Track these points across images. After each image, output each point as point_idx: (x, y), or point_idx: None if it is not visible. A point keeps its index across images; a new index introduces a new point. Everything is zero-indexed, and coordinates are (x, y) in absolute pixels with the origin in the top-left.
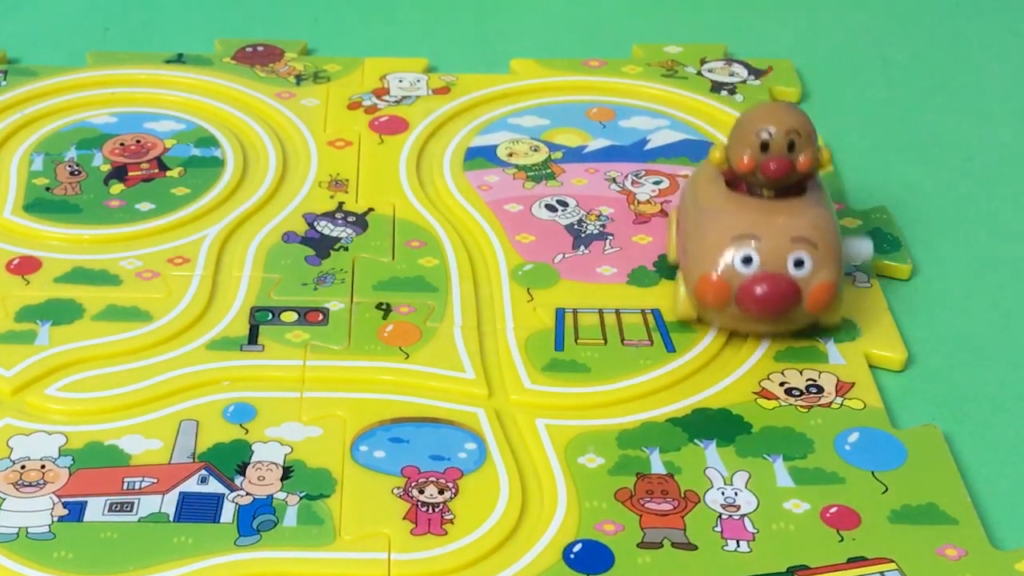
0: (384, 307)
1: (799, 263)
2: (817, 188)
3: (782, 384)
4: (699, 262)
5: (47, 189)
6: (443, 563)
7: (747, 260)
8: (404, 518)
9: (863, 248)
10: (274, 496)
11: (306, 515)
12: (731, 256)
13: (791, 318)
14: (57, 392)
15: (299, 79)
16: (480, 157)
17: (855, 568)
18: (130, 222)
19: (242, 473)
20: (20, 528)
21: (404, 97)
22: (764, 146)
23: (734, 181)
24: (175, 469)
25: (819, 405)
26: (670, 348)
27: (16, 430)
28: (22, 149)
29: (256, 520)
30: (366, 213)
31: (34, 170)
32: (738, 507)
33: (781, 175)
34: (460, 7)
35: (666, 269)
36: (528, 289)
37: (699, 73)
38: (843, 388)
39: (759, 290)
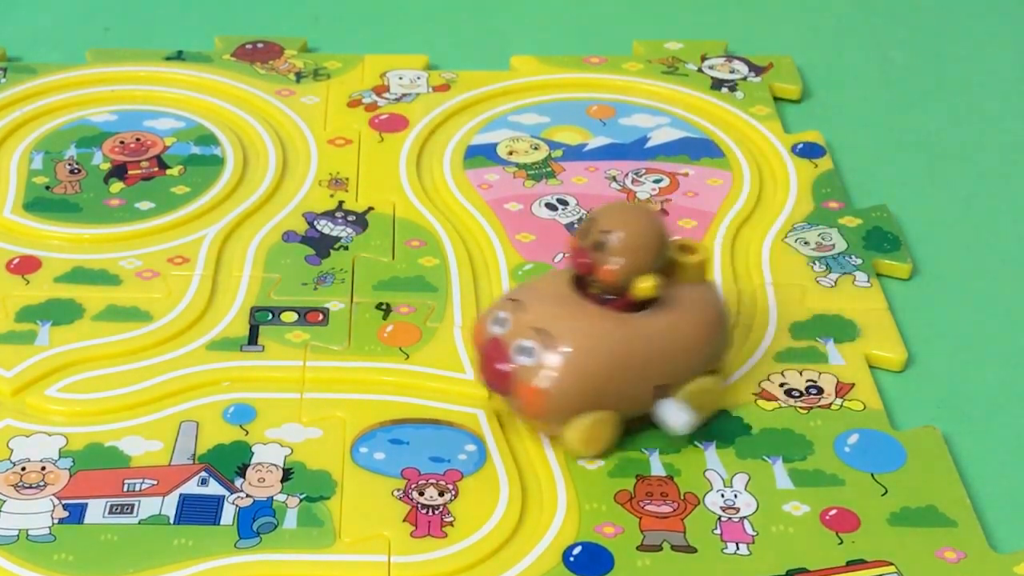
0: (384, 307)
1: (523, 350)
2: (667, 321)
3: (782, 385)
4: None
5: (47, 188)
6: (443, 565)
7: (499, 321)
8: (404, 520)
9: (674, 417)
10: (274, 498)
11: (306, 517)
12: (495, 311)
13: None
14: (57, 393)
15: (299, 76)
16: (480, 155)
17: (854, 571)
18: (130, 221)
19: (242, 475)
20: (20, 530)
21: (404, 94)
22: (598, 245)
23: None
24: (175, 471)
25: (819, 406)
26: None
27: (16, 431)
28: (22, 147)
29: (256, 522)
30: (366, 212)
31: (34, 168)
32: (738, 509)
33: (582, 270)
34: (460, 4)
35: None
36: None
37: (700, 70)
38: (843, 389)
39: (485, 353)
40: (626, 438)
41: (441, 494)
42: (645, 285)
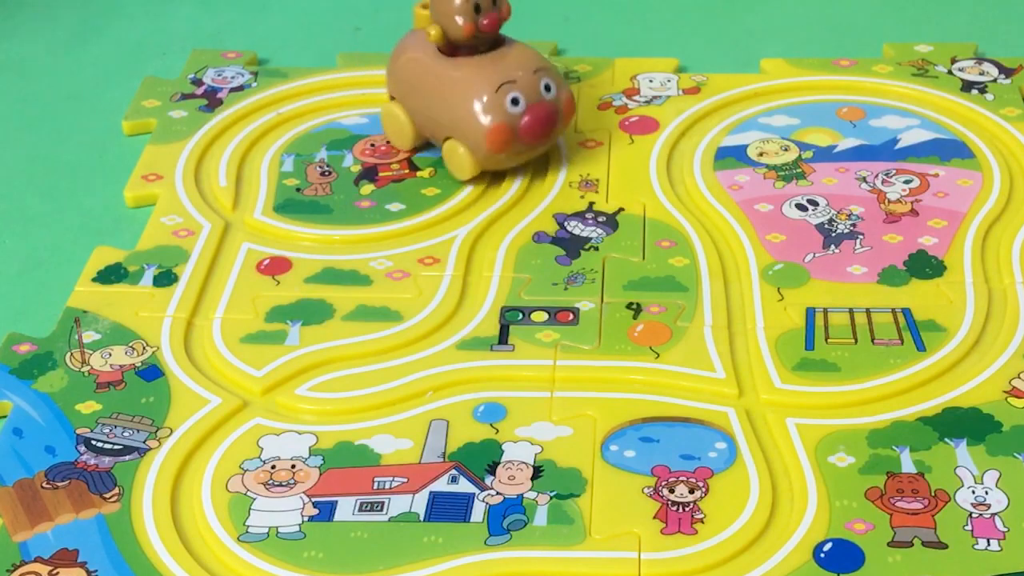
0: (634, 307)
1: (547, 87)
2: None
3: None
4: (472, 121)
5: (297, 190)
6: (693, 562)
7: (515, 101)
8: (654, 517)
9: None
10: (524, 496)
11: (556, 514)
12: (502, 103)
13: (556, 133)
14: (307, 392)
15: None
16: (730, 157)
17: None
18: (380, 222)
19: (492, 472)
20: (270, 528)
21: (654, 97)
22: (476, 8)
23: (448, 50)
24: (425, 469)
25: None
26: (920, 347)
27: (266, 430)
28: (272, 150)
29: (506, 520)
30: (616, 213)
31: (284, 171)
32: (988, 506)
33: (496, 27)
34: (710, 7)
35: (918, 269)
36: (778, 288)
37: (949, 72)
38: None
39: (535, 119)
40: (876, 436)
41: (691, 491)
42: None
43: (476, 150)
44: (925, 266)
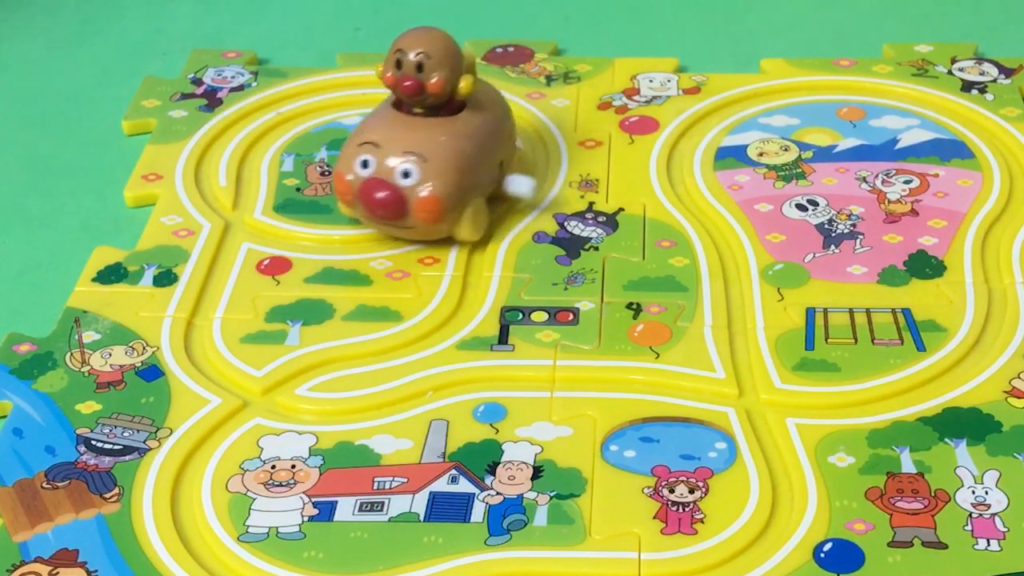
0: (634, 307)
1: (406, 174)
2: (480, 111)
3: None
4: (339, 163)
5: (297, 190)
6: (693, 562)
7: (365, 164)
8: (654, 517)
9: (521, 185)
10: (524, 496)
11: (556, 514)
12: (353, 158)
13: (415, 226)
14: (307, 392)
15: (549, 79)
16: (730, 157)
17: None
18: None
19: (492, 473)
20: (270, 528)
21: (654, 97)
22: (398, 65)
23: (396, 100)
24: (425, 469)
25: None
26: (920, 347)
27: (266, 430)
28: (272, 150)
29: (506, 520)
30: (616, 213)
31: (284, 171)
32: (988, 506)
33: (411, 93)
34: (710, 7)
35: (918, 269)
36: (778, 288)
37: (950, 72)
38: None
39: (367, 191)
40: (877, 436)
41: (692, 491)
42: (466, 83)
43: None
44: (925, 266)
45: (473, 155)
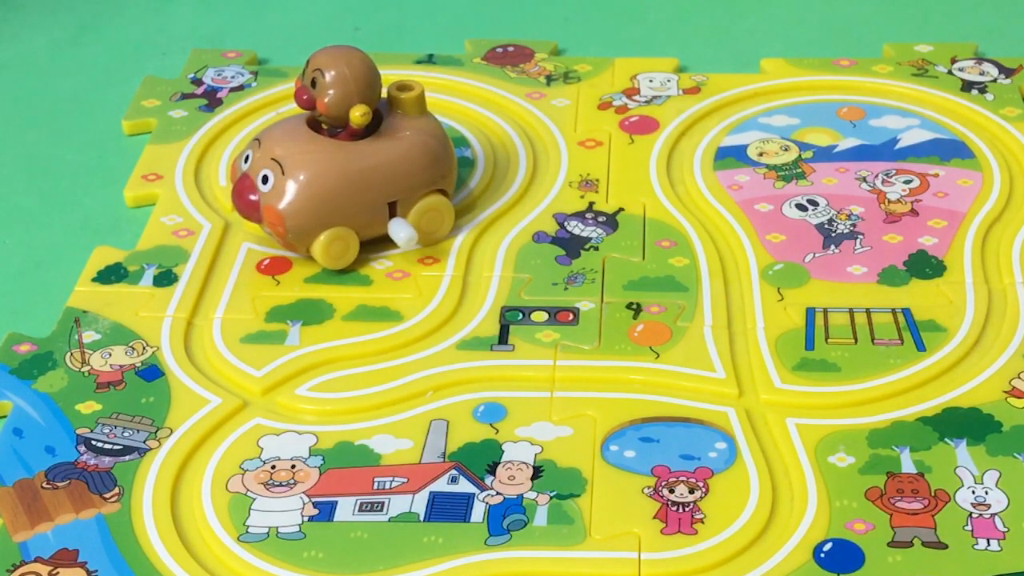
0: (634, 307)
1: (264, 179)
2: (386, 146)
3: None
4: (239, 154)
5: None
6: (693, 562)
7: (246, 159)
8: (654, 517)
9: (399, 233)
10: (524, 496)
11: (556, 514)
12: (242, 154)
13: (270, 233)
14: (307, 392)
15: (549, 79)
16: (730, 157)
17: None
18: None
19: (492, 473)
20: (270, 528)
21: (654, 97)
22: (304, 75)
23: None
24: (425, 469)
25: None
26: (920, 347)
27: (266, 430)
28: None
29: (506, 519)
30: (616, 213)
31: None
32: (988, 506)
33: (300, 103)
34: (710, 7)
35: (918, 269)
36: (778, 288)
37: (950, 72)
38: None
39: (236, 185)
40: (877, 436)
41: (691, 491)
42: (357, 113)
43: None
44: (925, 266)
45: (340, 184)
